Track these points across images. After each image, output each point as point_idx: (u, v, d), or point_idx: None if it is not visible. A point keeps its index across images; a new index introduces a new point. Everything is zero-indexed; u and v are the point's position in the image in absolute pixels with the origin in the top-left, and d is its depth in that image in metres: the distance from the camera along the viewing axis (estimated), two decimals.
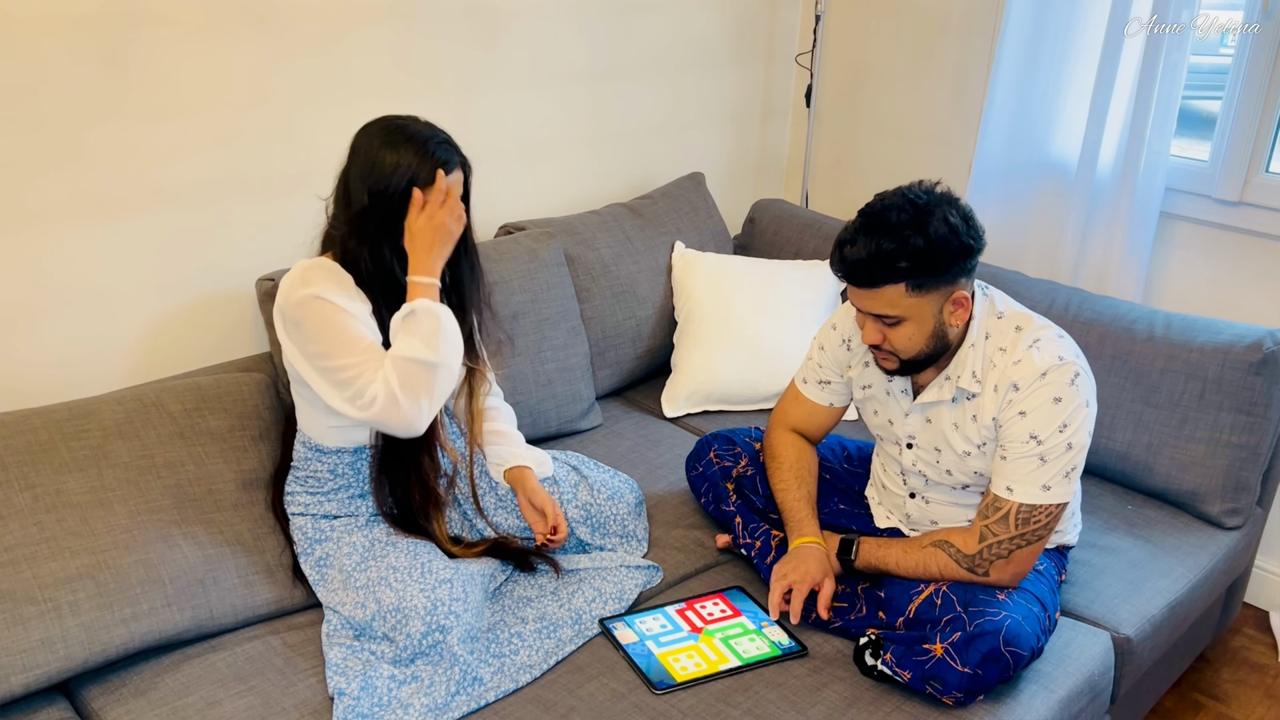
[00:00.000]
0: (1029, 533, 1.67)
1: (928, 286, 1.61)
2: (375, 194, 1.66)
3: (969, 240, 1.61)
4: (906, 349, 1.68)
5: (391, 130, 1.69)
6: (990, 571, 1.69)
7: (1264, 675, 2.45)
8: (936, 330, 1.66)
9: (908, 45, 2.94)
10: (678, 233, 2.70)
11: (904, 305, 1.62)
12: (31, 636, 1.56)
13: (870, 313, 1.66)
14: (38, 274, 1.91)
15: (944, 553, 1.73)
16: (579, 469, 2.05)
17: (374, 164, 1.66)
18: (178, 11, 1.93)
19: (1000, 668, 1.57)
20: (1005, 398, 1.67)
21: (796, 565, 1.81)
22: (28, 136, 1.83)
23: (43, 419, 1.72)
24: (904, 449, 1.84)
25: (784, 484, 1.94)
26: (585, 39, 2.62)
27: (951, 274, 1.62)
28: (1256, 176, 2.44)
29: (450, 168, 1.69)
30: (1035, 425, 1.64)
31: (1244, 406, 2.11)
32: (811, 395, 1.98)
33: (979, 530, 1.70)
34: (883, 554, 1.80)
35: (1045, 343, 1.68)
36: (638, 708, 1.62)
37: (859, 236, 1.60)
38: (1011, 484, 1.67)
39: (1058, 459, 1.65)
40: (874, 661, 1.67)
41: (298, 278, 1.68)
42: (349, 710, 1.56)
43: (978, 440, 1.73)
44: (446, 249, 1.71)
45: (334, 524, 1.81)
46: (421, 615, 1.63)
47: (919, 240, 1.57)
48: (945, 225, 1.58)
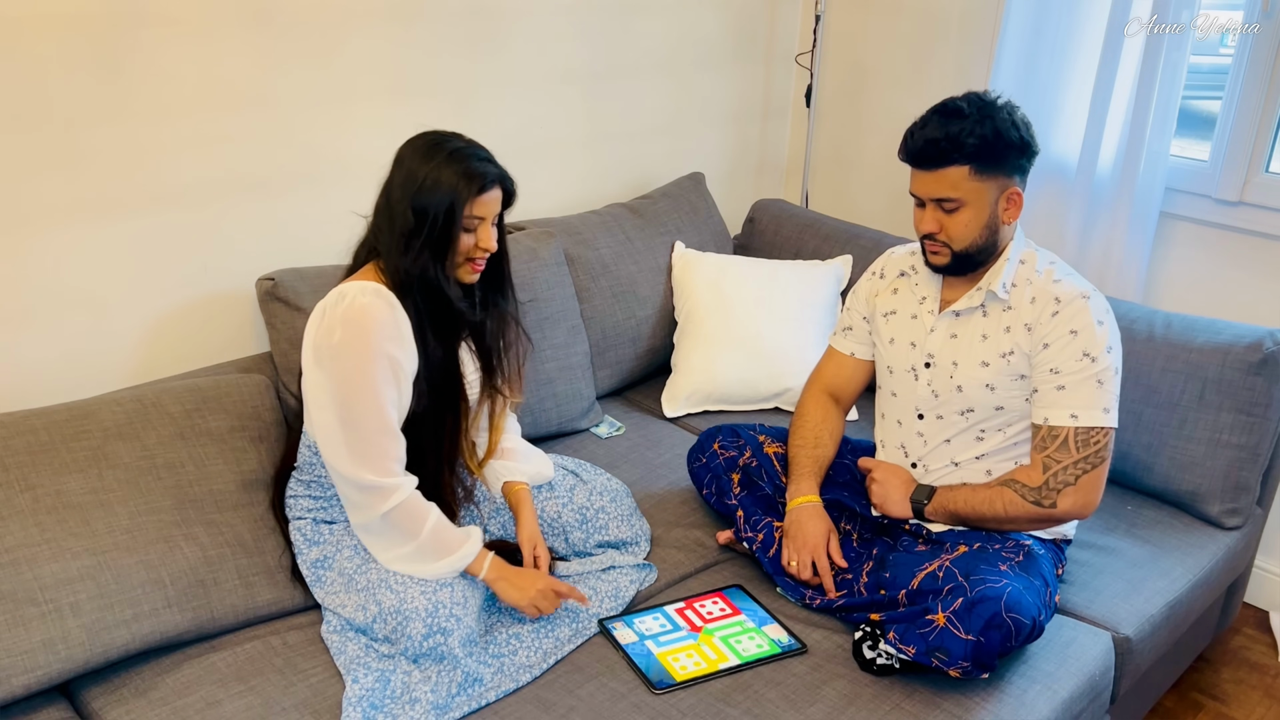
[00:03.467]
0: (1091, 454, 1.73)
1: (988, 173, 1.71)
2: (418, 211, 1.67)
3: (1028, 138, 1.73)
4: (962, 236, 1.75)
5: (433, 146, 1.69)
6: (1059, 501, 1.74)
7: (1264, 675, 2.45)
8: (990, 222, 1.75)
9: (908, 45, 2.94)
10: (678, 233, 2.70)
11: (965, 188, 1.72)
12: (32, 638, 1.56)
13: (932, 197, 1.74)
14: (38, 274, 1.91)
15: (1010, 490, 1.78)
16: (577, 472, 2.05)
17: (416, 179, 1.67)
18: (177, 11, 1.93)
19: (1003, 634, 1.58)
20: (1047, 309, 1.75)
21: (798, 534, 1.86)
22: (27, 136, 1.83)
23: (43, 420, 1.72)
24: (919, 373, 1.88)
25: (801, 440, 2.00)
26: (585, 39, 2.62)
27: (1009, 167, 1.73)
28: (1256, 176, 2.44)
29: (485, 187, 1.69)
30: (1087, 343, 1.73)
31: (1244, 406, 2.11)
32: (837, 345, 2.07)
33: (1040, 462, 1.76)
34: (952, 496, 1.85)
35: (1078, 279, 1.80)
36: (637, 707, 1.62)
37: (931, 119, 1.73)
38: (1075, 410, 1.74)
39: (1110, 381, 1.74)
40: (873, 654, 1.68)
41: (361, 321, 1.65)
42: (361, 699, 1.57)
43: (1004, 349, 1.78)
44: (510, 600, 1.74)
45: (333, 528, 1.81)
46: (422, 617, 1.63)
47: (987, 126, 1.69)
48: (1010, 120, 1.72)
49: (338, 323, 1.66)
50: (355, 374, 1.65)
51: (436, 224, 1.66)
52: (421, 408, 1.74)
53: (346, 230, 2.27)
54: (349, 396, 1.65)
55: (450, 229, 1.67)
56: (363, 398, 1.65)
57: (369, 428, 1.66)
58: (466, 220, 1.68)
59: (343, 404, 1.66)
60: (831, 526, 1.88)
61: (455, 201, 1.66)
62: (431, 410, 1.76)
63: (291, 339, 2.03)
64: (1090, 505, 1.76)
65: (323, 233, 2.26)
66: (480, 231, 1.71)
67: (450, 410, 1.79)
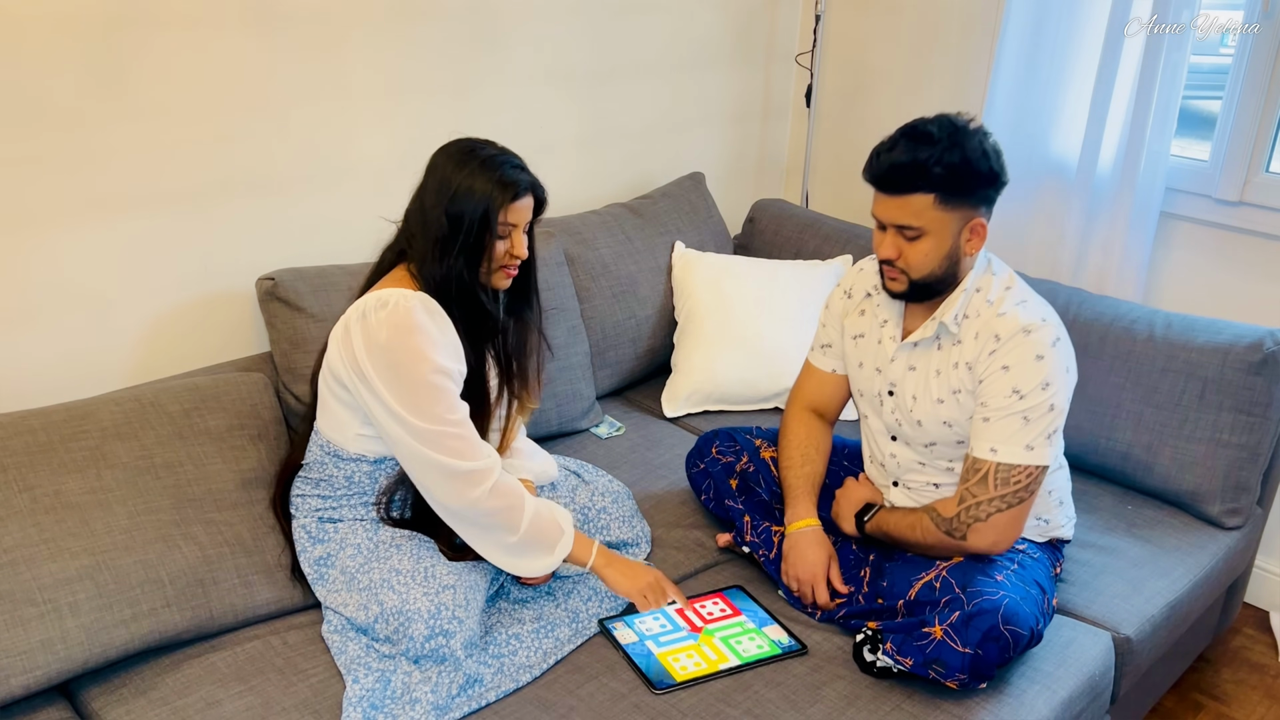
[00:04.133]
0: (1009, 494, 1.68)
1: (954, 204, 1.65)
2: (453, 218, 1.67)
3: (997, 169, 1.67)
4: (921, 265, 1.70)
5: (467, 153, 1.70)
6: (968, 535, 1.70)
7: (1264, 675, 2.45)
8: (952, 253, 1.69)
9: (908, 45, 2.94)
10: (678, 233, 2.70)
11: (928, 217, 1.66)
12: (31, 638, 1.56)
13: (894, 223, 1.69)
14: (37, 274, 1.91)
15: (928, 517, 1.75)
16: (579, 473, 2.05)
17: (450, 186, 1.68)
18: (177, 11, 1.93)
19: (1000, 646, 1.58)
20: (986, 347, 1.70)
21: (797, 562, 1.84)
22: (28, 136, 1.83)
23: (41, 420, 1.72)
24: (884, 399, 1.86)
25: (788, 460, 1.97)
26: (585, 39, 2.62)
27: (976, 198, 1.67)
28: (1256, 176, 2.44)
29: (519, 194, 1.69)
30: (1018, 380, 1.67)
31: (1244, 406, 2.11)
32: (817, 362, 2.02)
33: (959, 493, 1.72)
34: (888, 518, 1.84)
35: (1032, 304, 1.72)
36: (637, 707, 1.62)
37: (899, 141, 1.66)
38: (995, 444, 1.69)
39: (1040, 418, 1.67)
40: (873, 657, 1.68)
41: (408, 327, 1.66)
42: (362, 699, 1.56)
43: (953, 387, 1.74)
44: (620, 589, 1.80)
45: (337, 526, 1.81)
46: (424, 619, 1.63)
47: (954, 156, 1.62)
48: (980, 148, 1.65)
49: (384, 327, 1.66)
50: (416, 373, 1.65)
51: (471, 231, 1.67)
52: None
53: (347, 230, 2.28)
54: (415, 398, 1.65)
55: (484, 236, 1.68)
56: (430, 396, 1.65)
57: (443, 421, 1.66)
58: (500, 227, 1.69)
59: (413, 406, 1.65)
60: (832, 552, 1.86)
61: (490, 209, 1.67)
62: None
63: (291, 339, 2.03)
64: (1001, 544, 1.70)
65: (323, 232, 2.25)
66: (514, 238, 1.72)
67: (478, 414, 1.79)
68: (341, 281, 2.09)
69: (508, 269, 1.75)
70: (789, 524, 1.89)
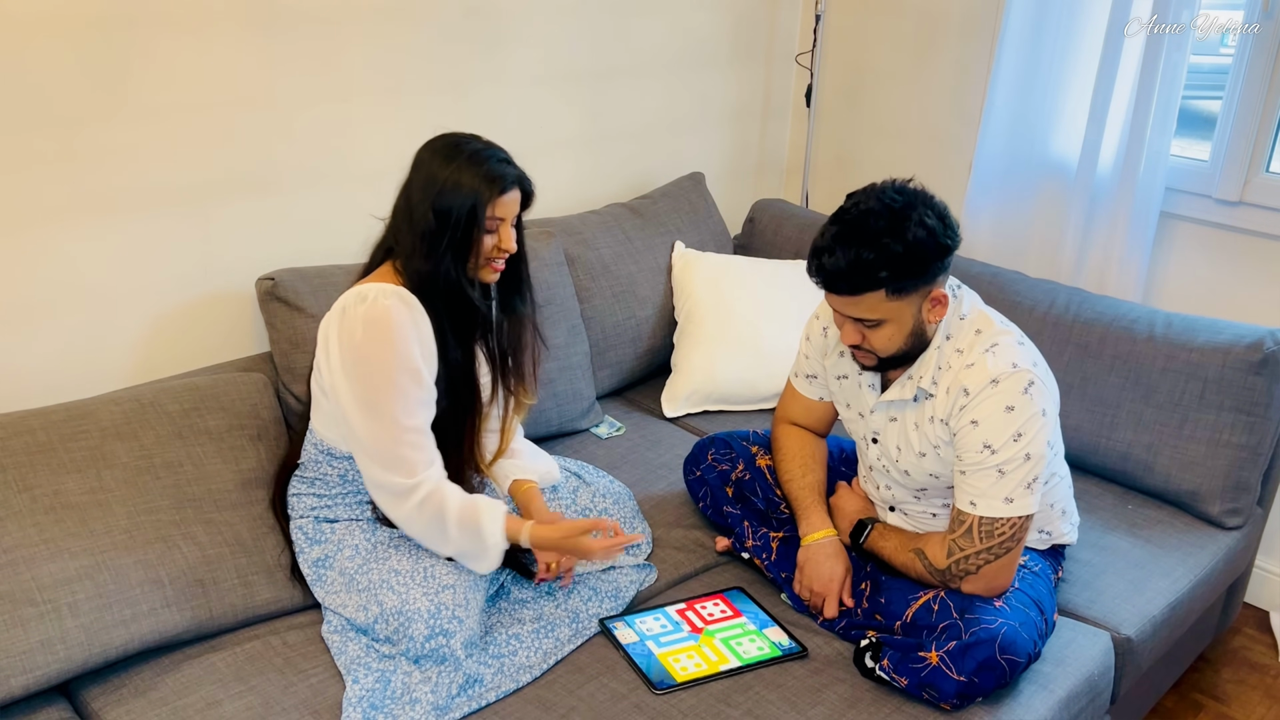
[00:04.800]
0: (995, 546, 1.64)
1: (907, 290, 1.60)
2: (440, 213, 1.67)
3: (945, 240, 1.59)
4: (886, 348, 1.67)
5: (453, 148, 1.70)
6: (962, 586, 1.68)
7: (1264, 675, 2.45)
8: (915, 329, 1.66)
9: (908, 45, 2.94)
10: (678, 233, 2.70)
11: (884, 309, 1.61)
12: (31, 638, 1.56)
13: (850, 316, 1.65)
14: (37, 274, 1.91)
15: (920, 561, 1.73)
16: (580, 474, 2.05)
17: (437, 182, 1.67)
18: (177, 11, 1.93)
19: (996, 675, 1.57)
20: (956, 402, 1.66)
21: (813, 574, 1.82)
22: (28, 136, 1.82)
23: (41, 420, 1.72)
24: (870, 444, 1.84)
25: (789, 474, 1.94)
26: (585, 39, 2.62)
27: (930, 275, 1.61)
28: (1256, 176, 2.43)
29: (506, 188, 1.69)
30: (988, 434, 1.62)
31: (1244, 406, 2.11)
32: (802, 390, 1.98)
33: (948, 544, 1.69)
34: (882, 544, 1.81)
35: (1002, 349, 1.65)
36: (638, 708, 1.62)
37: (837, 246, 1.58)
38: (974, 498, 1.66)
39: (1016, 470, 1.62)
40: (873, 665, 1.67)
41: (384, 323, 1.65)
42: (361, 699, 1.56)
43: (934, 442, 1.72)
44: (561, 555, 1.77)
45: (335, 527, 1.81)
46: (424, 619, 1.63)
47: (898, 247, 1.55)
48: (923, 228, 1.56)
49: (359, 322, 1.66)
50: (380, 373, 1.65)
51: (459, 226, 1.67)
52: (441, 410, 1.74)
53: (347, 230, 2.27)
54: (376, 399, 1.65)
55: (472, 230, 1.68)
56: (391, 399, 1.65)
57: (398, 429, 1.66)
58: (488, 221, 1.69)
59: (369, 405, 1.66)
60: (849, 566, 1.83)
61: (477, 203, 1.66)
62: (451, 413, 1.76)
63: (291, 339, 2.03)
64: (997, 588, 1.66)
65: (323, 232, 2.25)
66: (501, 232, 1.71)
67: (468, 412, 1.79)
68: (342, 281, 2.08)
69: (495, 263, 1.74)
70: (805, 536, 1.86)
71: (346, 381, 1.67)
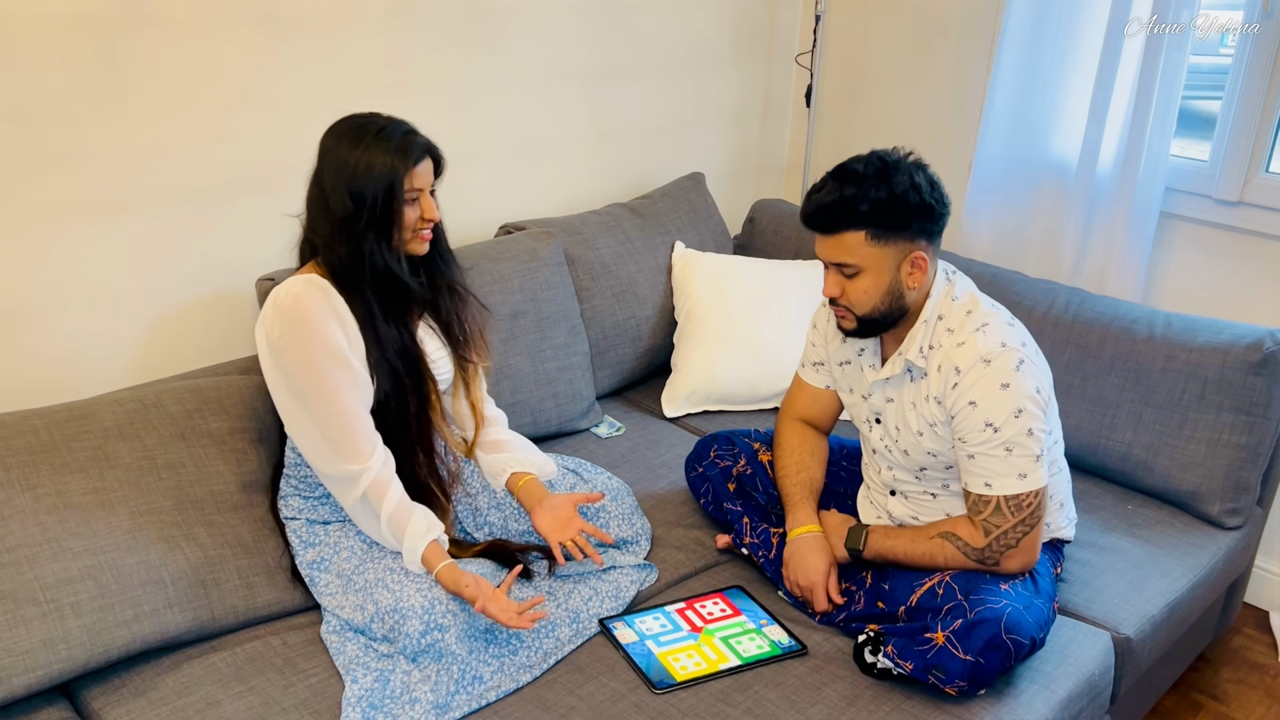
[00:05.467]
0: (1027, 517, 1.69)
1: (887, 239, 1.65)
2: (356, 196, 1.67)
3: (931, 200, 1.65)
4: (862, 302, 1.70)
5: (358, 129, 1.70)
6: (1002, 562, 1.71)
7: (1264, 675, 2.45)
8: (892, 288, 1.69)
9: (908, 45, 2.94)
10: (678, 233, 2.70)
11: (862, 254, 1.66)
12: (33, 638, 1.56)
13: (831, 261, 1.69)
14: (38, 274, 1.91)
15: (951, 545, 1.74)
16: (577, 471, 2.05)
17: (349, 166, 1.67)
18: (177, 11, 1.93)
19: (1001, 655, 1.58)
20: (949, 380, 1.69)
21: (798, 568, 1.84)
22: (28, 136, 1.83)
23: (43, 420, 1.72)
24: (872, 426, 1.86)
25: (783, 470, 1.96)
26: (585, 39, 2.62)
27: (911, 231, 1.66)
28: (1256, 176, 2.44)
29: (418, 159, 1.70)
30: (989, 414, 1.66)
31: (1244, 406, 2.11)
32: (809, 379, 2.01)
33: (980, 525, 1.71)
34: (890, 544, 1.81)
35: (992, 329, 1.69)
36: (638, 707, 1.62)
37: (827, 182, 1.67)
38: (989, 480, 1.68)
39: (1022, 445, 1.66)
40: (874, 659, 1.68)
41: (296, 309, 1.67)
42: (360, 699, 1.57)
43: (930, 420, 1.74)
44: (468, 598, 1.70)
45: (328, 529, 1.81)
46: (419, 614, 1.63)
47: (882, 191, 1.62)
48: (909, 181, 1.64)
49: (273, 314, 1.69)
50: (303, 363, 1.67)
51: (377, 205, 1.68)
52: (385, 393, 1.74)
53: None
54: (303, 386, 1.68)
55: (392, 205, 1.69)
56: (317, 385, 1.67)
57: (329, 413, 1.68)
58: (407, 194, 1.70)
59: (300, 394, 1.68)
60: (833, 560, 1.85)
61: (394, 180, 1.67)
62: (396, 394, 1.76)
63: None
64: (1030, 563, 1.72)
65: None
66: (422, 202, 1.73)
67: (415, 392, 1.79)
68: None
69: (423, 233, 1.75)
70: (790, 530, 1.89)
71: (277, 375, 1.71)
